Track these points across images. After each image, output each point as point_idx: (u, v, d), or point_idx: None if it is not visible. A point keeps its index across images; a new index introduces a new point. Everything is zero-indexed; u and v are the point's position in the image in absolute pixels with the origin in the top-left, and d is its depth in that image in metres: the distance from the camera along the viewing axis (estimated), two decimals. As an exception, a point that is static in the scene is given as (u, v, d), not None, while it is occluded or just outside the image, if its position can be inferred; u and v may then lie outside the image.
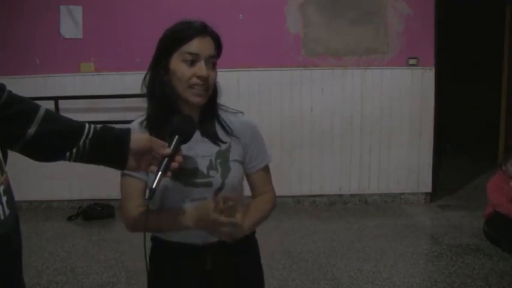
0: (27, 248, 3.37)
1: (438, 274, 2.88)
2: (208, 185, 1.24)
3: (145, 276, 1.31)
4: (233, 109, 1.34)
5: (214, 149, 1.26)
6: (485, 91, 6.11)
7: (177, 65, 1.20)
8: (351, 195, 4.40)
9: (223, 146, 1.27)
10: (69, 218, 4.09)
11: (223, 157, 1.26)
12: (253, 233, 1.40)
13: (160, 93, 1.23)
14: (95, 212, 4.09)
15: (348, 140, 4.30)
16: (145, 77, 1.27)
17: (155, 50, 1.26)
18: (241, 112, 1.34)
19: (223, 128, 1.28)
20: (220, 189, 1.25)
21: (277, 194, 1.39)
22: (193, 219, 1.18)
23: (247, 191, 1.37)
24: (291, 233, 3.56)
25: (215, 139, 1.26)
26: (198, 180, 1.23)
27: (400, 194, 4.39)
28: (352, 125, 4.28)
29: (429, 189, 4.37)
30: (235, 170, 1.27)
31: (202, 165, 1.24)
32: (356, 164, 4.33)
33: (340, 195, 4.40)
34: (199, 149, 1.25)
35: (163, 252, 1.31)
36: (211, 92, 1.26)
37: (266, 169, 1.36)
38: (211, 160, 1.25)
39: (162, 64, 1.23)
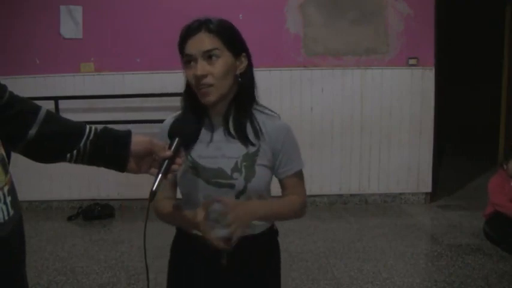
0: (28, 248, 3.37)
1: (438, 274, 2.88)
2: (231, 186, 1.22)
3: (145, 276, 1.31)
4: (270, 110, 1.30)
5: (242, 151, 1.24)
6: (485, 91, 6.12)
7: (185, 69, 1.23)
8: (351, 195, 4.40)
9: (252, 149, 1.24)
10: (69, 218, 4.09)
11: (249, 160, 1.23)
12: (276, 235, 1.38)
13: (185, 96, 1.28)
14: (95, 212, 4.09)
15: (348, 140, 4.30)
16: None
17: None
18: (277, 115, 1.30)
19: (254, 129, 1.25)
20: (242, 192, 1.23)
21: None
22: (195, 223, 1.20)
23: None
24: (291, 233, 3.56)
25: (244, 140, 1.24)
26: (221, 181, 1.22)
27: (400, 194, 4.39)
28: (352, 125, 4.28)
29: (429, 189, 4.37)
30: (261, 174, 1.24)
31: (228, 166, 1.23)
32: (356, 164, 4.33)
33: (340, 195, 4.40)
34: (227, 150, 1.24)
35: (183, 244, 1.34)
36: (239, 89, 1.25)
37: (298, 175, 1.31)
38: (236, 162, 1.23)
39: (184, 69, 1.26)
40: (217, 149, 1.22)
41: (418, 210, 4.20)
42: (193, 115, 1.24)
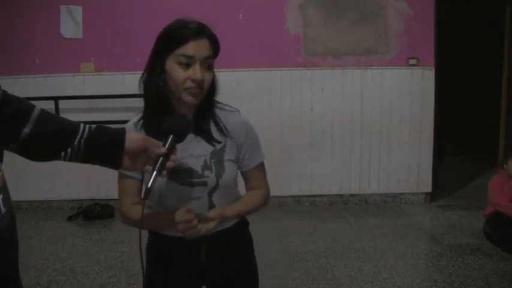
0: (27, 248, 3.38)
1: (438, 274, 2.88)
2: (204, 184, 1.25)
3: (145, 276, 1.31)
4: (230, 107, 1.34)
5: (209, 148, 1.26)
6: (485, 91, 6.12)
7: (172, 66, 1.20)
8: (351, 195, 4.40)
9: (218, 146, 1.27)
10: (69, 218, 4.09)
11: (217, 157, 1.26)
12: (247, 226, 1.42)
13: (155, 93, 1.23)
14: (95, 212, 4.09)
15: (348, 140, 4.30)
16: (142, 76, 1.28)
17: (151, 50, 1.26)
18: (237, 111, 1.34)
19: (218, 127, 1.28)
20: (214, 188, 1.26)
21: (277, 194, 1.39)
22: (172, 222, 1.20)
23: (241, 189, 1.38)
24: (291, 233, 3.54)
25: (210, 139, 1.26)
26: (194, 180, 1.24)
27: (400, 194, 4.39)
28: (352, 125, 4.28)
29: (429, 189, 4.37)
30: (230, 169, 1.28)
31: (197, 165, 1.25)
32: (356, 164, 4.33)
33: (340, 195, 4.39)
34: (194, 149, 1.25)
35: (159, 246, 1.34)
36: (208, 90, 1.25)
37: (260, 167, 1.37)
38: (205, 160, 1.25)
39: (158, 64, 1.23)
40: (184, 150, 1.22)
41: (418, 210, 4.20)
42: (159, 116, 1.20)
